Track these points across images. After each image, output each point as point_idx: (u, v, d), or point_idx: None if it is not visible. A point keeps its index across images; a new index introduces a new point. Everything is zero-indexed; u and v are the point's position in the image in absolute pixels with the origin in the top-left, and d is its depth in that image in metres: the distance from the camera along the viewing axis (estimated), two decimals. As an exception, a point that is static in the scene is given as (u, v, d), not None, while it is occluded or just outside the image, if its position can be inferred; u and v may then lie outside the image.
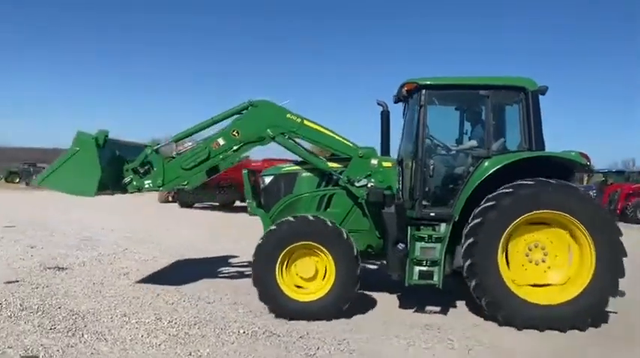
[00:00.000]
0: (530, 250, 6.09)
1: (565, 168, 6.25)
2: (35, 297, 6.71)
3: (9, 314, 5.93)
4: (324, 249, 6.01)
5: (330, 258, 5.99)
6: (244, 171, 7.18)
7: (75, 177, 6.56)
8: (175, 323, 5.78)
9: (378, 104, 6.39)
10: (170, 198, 25.87)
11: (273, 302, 6.06)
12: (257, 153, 23.84)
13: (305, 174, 6.95)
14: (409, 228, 6.23)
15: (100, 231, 14.07)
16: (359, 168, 6.61)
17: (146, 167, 6.95)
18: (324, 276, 6.11)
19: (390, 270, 6.34)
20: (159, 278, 8.25)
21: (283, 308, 6.02)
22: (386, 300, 7.04)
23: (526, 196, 5.79)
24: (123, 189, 7.02)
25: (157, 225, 16.22)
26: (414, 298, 6.92)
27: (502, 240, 5.84)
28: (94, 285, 7.57)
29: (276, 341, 5.30)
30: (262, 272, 6.01)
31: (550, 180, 5.83)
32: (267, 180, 7.12)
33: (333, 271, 5.99)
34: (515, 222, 5.83)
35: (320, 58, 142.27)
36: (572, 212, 5.79)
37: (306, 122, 6.74)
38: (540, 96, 6.36)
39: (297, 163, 7.16)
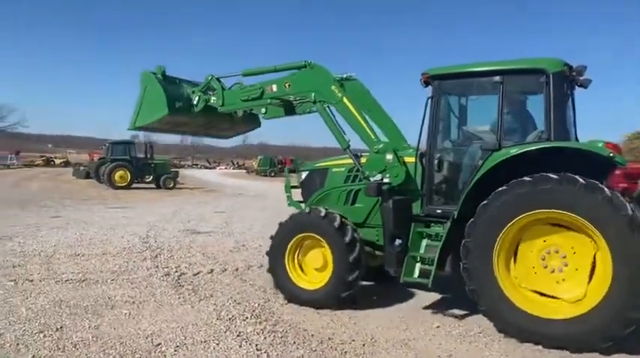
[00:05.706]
0: (548, 254, 5.18)
1: (604, 163, 5.21)
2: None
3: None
4: (321, 239, 6.13)
5: (327, 246, 6.09)
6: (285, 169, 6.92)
7: (152, 107, 7.58)
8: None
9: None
10: None
11: (285, 290, 6.40)
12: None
13: (335, 169, 7.13)
14: (413, 224, 6.03)
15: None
16: (375, 163, 6.52)
17: (215, 92, 7.62)
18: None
19: (387, 265, 6.15)
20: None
21: (294, 295, 6.32)
22: None
23: (521, 195, 5.09)
24: (195, 109, 7.70)
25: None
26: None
27: (499, 242, 5.22)
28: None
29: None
30: (274, 262, 6.45)
31: (551, 175, 4.97)
32: (304, 174, 7.51)
33: (331, 259, 6.06)
34: (511, 223, 5.15)
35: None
36: (578, 211, 4.83)
37: (345, 100, 6.68)
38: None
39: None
